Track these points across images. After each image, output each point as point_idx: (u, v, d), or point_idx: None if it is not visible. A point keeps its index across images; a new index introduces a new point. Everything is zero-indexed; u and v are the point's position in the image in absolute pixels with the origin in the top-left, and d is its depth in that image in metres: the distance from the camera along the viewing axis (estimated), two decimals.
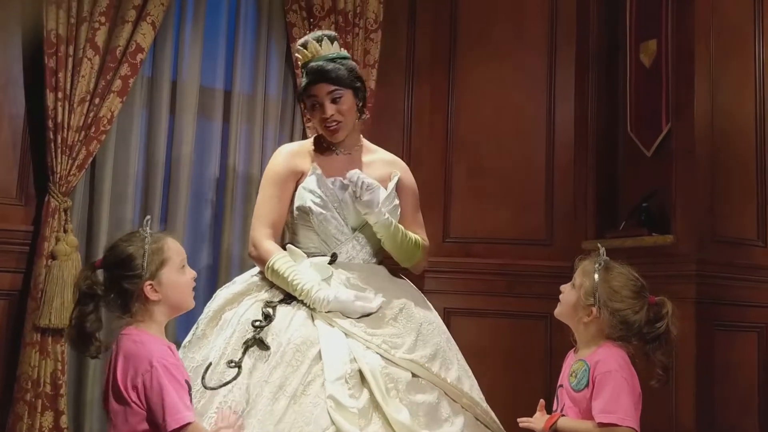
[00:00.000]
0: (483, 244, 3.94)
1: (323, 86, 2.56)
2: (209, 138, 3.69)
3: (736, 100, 3.58)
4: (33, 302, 3.14)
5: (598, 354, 2.18)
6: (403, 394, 2.26)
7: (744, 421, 3.39)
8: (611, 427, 2.07)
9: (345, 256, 2.55)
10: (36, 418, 3.09)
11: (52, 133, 3.19)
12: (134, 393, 1.88)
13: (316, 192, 2.54)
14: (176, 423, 1.85)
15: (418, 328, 2.45)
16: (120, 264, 1.97)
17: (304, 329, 2.33)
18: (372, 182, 2.50)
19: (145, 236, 2.00)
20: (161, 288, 1.99)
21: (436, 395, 2.34)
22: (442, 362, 2.42)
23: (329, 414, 2.15)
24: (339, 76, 2.57)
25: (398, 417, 2.19)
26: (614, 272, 2.21)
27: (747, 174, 3.57)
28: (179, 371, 1.94)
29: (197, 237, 3.63)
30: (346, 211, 2.55)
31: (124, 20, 3.31)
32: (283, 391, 2.19)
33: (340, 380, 2.22)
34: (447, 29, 4.08)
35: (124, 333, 1.98)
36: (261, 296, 2.47)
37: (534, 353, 3.77)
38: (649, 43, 3.69)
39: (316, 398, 2.19)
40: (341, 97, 2.58)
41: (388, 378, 2.27)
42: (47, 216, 3.18)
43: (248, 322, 2.35)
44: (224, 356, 2.31)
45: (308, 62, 2.61)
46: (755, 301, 3.47)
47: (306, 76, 2.61)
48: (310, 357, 2.26)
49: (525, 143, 3.97)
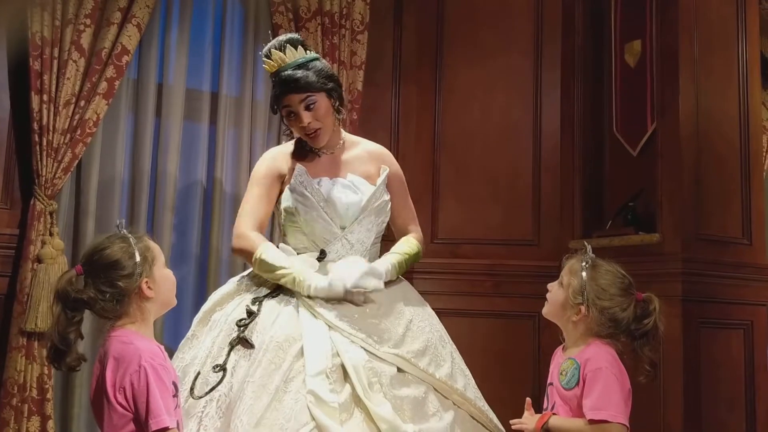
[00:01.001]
0: (470, 244, 3.95)
1: (293, 96, 2.50)
2: (196, 141, 3.67)
3: (720, 99, 3.61)
4: (19, 306, 3.12)
5: (588, 352, 2.18)
6: (386, 389, 2.24)
7: (731, 418, 3.42)
8: (602, 424, 2.08)
9: (335, 255, 2.52)
10: (23, 423, 3.07)
11: (37, 136, 3.17)
12: (121, 394, 1.88)
13: (302, 192, 2.53)
14: (155, 426, 1.85)
15: (408, 324, 2.43)
16: (111, 265, 1.96)
17: (289, 326, 2.32)
18: (363, 270, 2.39)
19: (128, 236, 2.01)
20: (155, 285, 2.00)
21: (423, 390, 2.31)
22: (432, 358, 2.39)
23: (309, 409, 2.14)
24: (308, 82, 2.50)
25: (379, 410, 2.17)
26: (601, 270, 2.22)
27: (732, 172, 3.60)
28: (167, 373, 1.93)
29: (184, 240, 3.61)
30: (332, 210, 2.54)
31: (109, 22, 3.30)
32: (265, 389, 2.18)
33: (320, 375, 2.21)
34: (433, 30, 4.09)
35: (113, 335, 1.97)
36: (248, 294, 2.46)
37: (522, 353, 3.78)
38: (633, 44, 3.72)
39: (296, 394, 2.18)
40: (315, 103, 2.51)
41: (372, 372, 2.25)
42: (33, 219, 3.16)
43: (234, 322, 2.35)
44: (210, 357, 2.31)
45: (276, 72, 2.54)
46: (741, 299, 3.50)
47: (275, 87, 2.54)
48: (292, 354, 2.25)
49: (512, 144, 3.99)
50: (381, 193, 2.60)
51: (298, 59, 2.54)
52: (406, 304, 2.51)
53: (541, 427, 2.18)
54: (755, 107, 3.73)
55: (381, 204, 2.59)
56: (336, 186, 2.55)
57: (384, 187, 2.62)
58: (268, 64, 2.56)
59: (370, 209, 2.56)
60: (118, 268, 1.96)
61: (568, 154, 3.93)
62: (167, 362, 2.00)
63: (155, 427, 1.85)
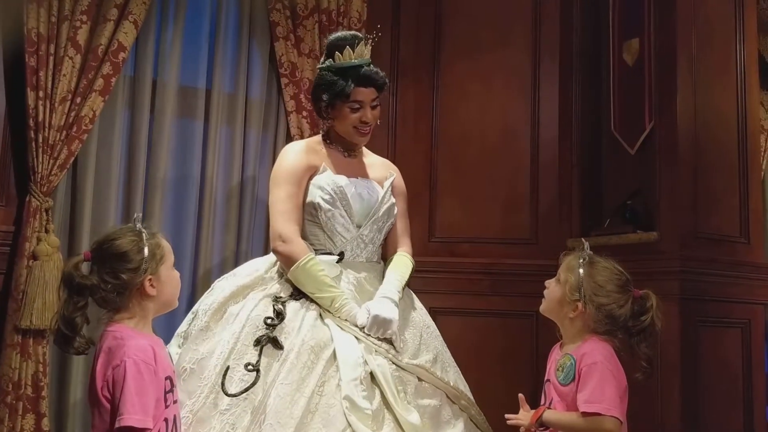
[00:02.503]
0: (468, 243, 3.94)
1: (369, 91, 2.64)
2: (191, 138, 3.66)
3: (719, 98, 3.60)
4: (14, 303, 3.11)
5: (584, 348, 2.19)
6: (411, 398, 2.33)
7: (729, 417, 3.41)
8: (595, 417, 2.08)
9: (350, 254, 2.61)
10: (17, 421, 3.05)
11: (33, 133, 3.15)
12: (106, 388, 1.87)
13: (325, 189, 2.59)
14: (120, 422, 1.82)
15: (421, 333, 2.52)
16: (120, 257, 1.96)
17: (317, 330, 2.36)
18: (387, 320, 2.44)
19: (142, 232, 2.01)
20: (159, 284, 2.00)
21: (438, 399, 2.40)
22: (442, 366, 2.49)
23: (345, 415, 2.18)
24: (384, 84, 2.69)
25: (409, 419, 2.25)
26: (599, 267, 2.22)
27: (730, 171, 3.59)
28: (150, 371, 1.90)
29: (178, 237, 3.59)
30: (351, 209, 2.60)
31: (105, 19, 3.28)
32: (301, 393, 2.21)
33: (355, 381, 2.25)
34: (431, 28, 4.08)
35: (108, 330, 1.97)
36: (269, 291, 2.48)
37: (521, 352, 3.77)
38: (631, 42, 3.71)
39: (331, 399, 2.22)
40: (379, 105, 2.72)
41: (399, 381, 2.33)
42: (28, 216, 3.14)
43: (259, 319, 2.36)
44: (234, 352, 2.30)
45: (351, 64, 2.63)
46: (739, 298, 3.49)
47: (351, 78, 2.62)
48: (324, 358, 2.29)
49: (510, 142, 3.98)
50: (389, 196, 2.72)
51: (368, 59, 2.68)
52: (414, 310, 2.61)
53: (535, 421, 2.18)
54: (753, 106, 3.72)
55: (390, 205, 2.71)
56: (356, 186, 2.64)
57: (390, 190, 2.74)
58: (346, 53, 2.63)
59: (383, 210, 2.66)
60: (125, 261, 1.96)
61: (566, 152, 3.92)
62: (159, 358, 1.98)
63: (120, 423, 1.82)
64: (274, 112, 3.82)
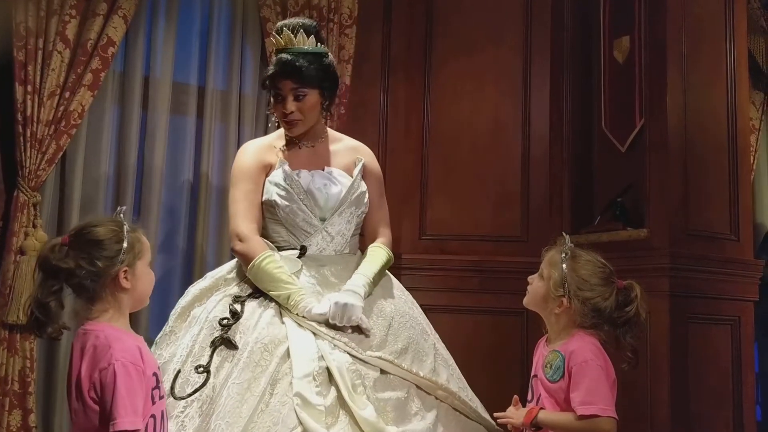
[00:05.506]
0: (459, 240, 3.93)
1: (287, 82, 2.48)
2: (182, 134, 3.65)
3: (709, 95, 3.61)
4: (1, 298, 3.10)
5: (572, 344, 2.17)
6: (370, 391, 2.23)
7: (718, 413, 3.41)
8: (593, 419, 2.07)
9: (315, 248, 2.50)
10: (4, 417, 3.04)
11: (21, 127, 3.15)
12: (92, 390, 1.85)
13: (281, 185, 2.50)
14: (114, 427, 1.81)
15: (389, 323, 2.41)
16: (97, 243, 1.93)
17: (272, 328, 2.29)
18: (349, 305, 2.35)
19: (123, 224, 1.99)
20: (133, 278, 1.97)
21: (405, 390, 2.31)
22: (414, 355, 2.38)
23: (296, 412, 2.12)
24: (307, 75, 2.48)
25: (363, 414, 2.16)
26: (581, 261, 2.20)
27: (719, 168, 3.60)
28: (139, 372, 1.89)
29: (170, 233, 3.59)
30: (312, 202, 2.51)
31: (95, 13, 3.28)
32: (251, 392, 2.15)
33: (307, 377, 2.18)
34: (422, 25, 4.07)
35: (87, 328, 1.94)
36: (229, 291, 2.42)
37: (510, 349, 3.76)
38: (622, 40, 3.72)
39: (283, 397, 2.15)
40: (305, 96, 2.50)
41: (356, 374, 2.23)
42: (16, 211, 3.14)
43: (216, 320, 2.31)
44: (191, 355, 2.27)
45: (279, 50, 2.53)
46: (728, 295, 3.49)
47: (274, 65, 2.52)
48: (278, 356, 2.23)
49: (500, 139, 3.98)
50: (358, 183, 2.58)
51: (305, 48, 2.51)
52: (386, 298, 2.49)
53: (530, 422, 2.17)
54: (743, 103, 3.73)
55: (359, 195, 2.57)
56: (315, 178, 2.53)
57: (360, 177, 2.60)
58: (276, 40, 2.53)
59: (349, 200, 2.54)
60: (102, 248, 1.93)
61: (557, 150, 3.92)
62: (146, 356, 1.96)
63: (114, 428, 1.81)
64: (265, 108, 3.82)
